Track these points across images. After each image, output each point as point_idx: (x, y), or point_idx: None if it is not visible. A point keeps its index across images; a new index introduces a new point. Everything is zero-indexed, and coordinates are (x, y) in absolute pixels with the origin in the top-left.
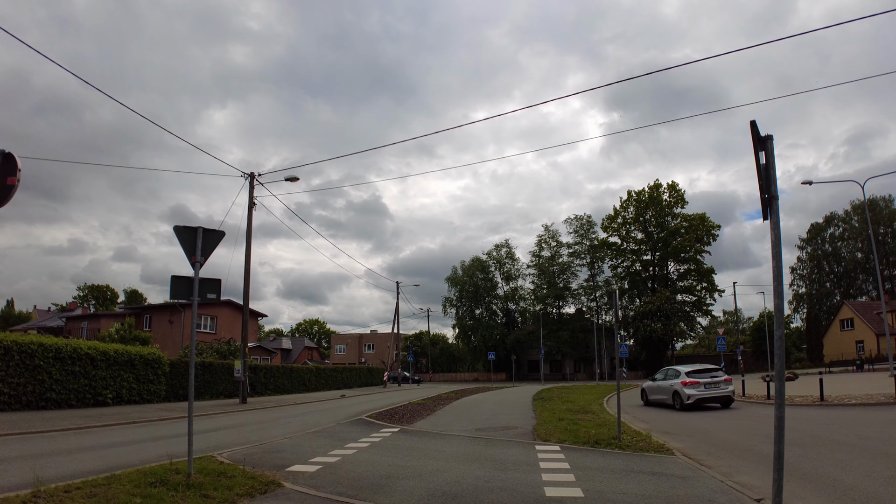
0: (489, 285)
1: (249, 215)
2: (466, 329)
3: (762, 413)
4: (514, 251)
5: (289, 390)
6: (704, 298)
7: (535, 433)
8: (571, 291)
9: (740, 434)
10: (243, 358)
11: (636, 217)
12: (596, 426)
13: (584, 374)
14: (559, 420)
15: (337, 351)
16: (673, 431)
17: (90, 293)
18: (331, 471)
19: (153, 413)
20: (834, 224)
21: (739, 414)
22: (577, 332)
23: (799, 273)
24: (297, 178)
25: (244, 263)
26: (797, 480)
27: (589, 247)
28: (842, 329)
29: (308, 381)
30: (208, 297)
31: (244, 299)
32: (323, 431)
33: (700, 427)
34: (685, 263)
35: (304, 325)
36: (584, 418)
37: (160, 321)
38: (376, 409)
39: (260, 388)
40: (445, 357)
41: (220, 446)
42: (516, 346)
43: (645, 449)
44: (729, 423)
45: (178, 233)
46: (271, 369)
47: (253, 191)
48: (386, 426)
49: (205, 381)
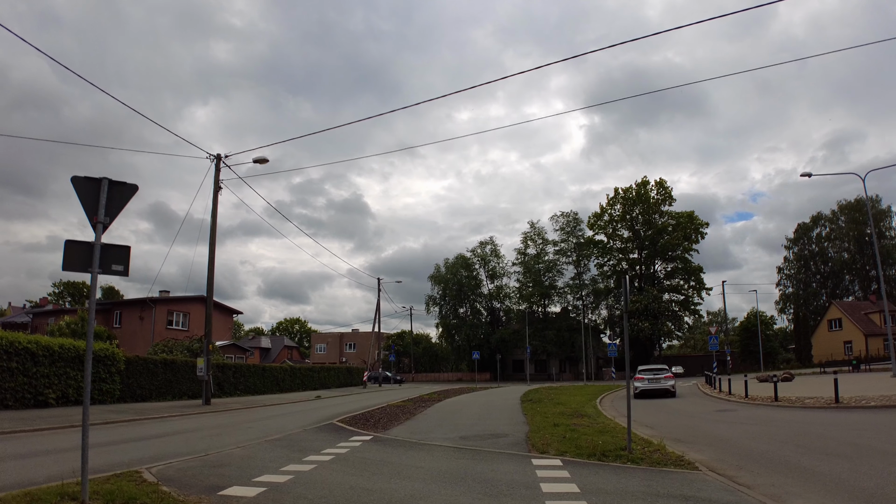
0: (473, 283)
1: (215, 200)
2: (450, 328)
3: (775, 417)
4: (498, 248)
5: (261, 391)
6: (692, 297)
7: (530, 442)
8: (557, 290)
9: (764, 442)
10: (206, 356)
11: (623, 215)
12: (597, 433)
13: (570, 373)
14: (554, 426)
15: (317, 350)
16: (685, 439)
17: (66, 290)
18: (274, 497)
19: (100, 415)
20: (821, 224)
21: (749, 417)
22: (562, 332)
23: (786, 273)
24: (267, 159)
25: (208, 252)
26: None
27: (575, 244)
28: (830, 329)
29: (282, 382)
30: (114, 268)
31: (208, 291)
32: (284, 439)
33: (715, 433)
34: (672, 262)
35: (285, 323)
36: (580, 423)
37: (130, 317)
38: (350, 412)
39: (229, 389)
40: (428, 357)
41: (158, 457)
42: (501, 345)
43: (662, 462)
44: (744, 428)
45: (76, 185)
46: (242, 368)
47: (219, 173)
48: (357, 433)
49: (166, 380)
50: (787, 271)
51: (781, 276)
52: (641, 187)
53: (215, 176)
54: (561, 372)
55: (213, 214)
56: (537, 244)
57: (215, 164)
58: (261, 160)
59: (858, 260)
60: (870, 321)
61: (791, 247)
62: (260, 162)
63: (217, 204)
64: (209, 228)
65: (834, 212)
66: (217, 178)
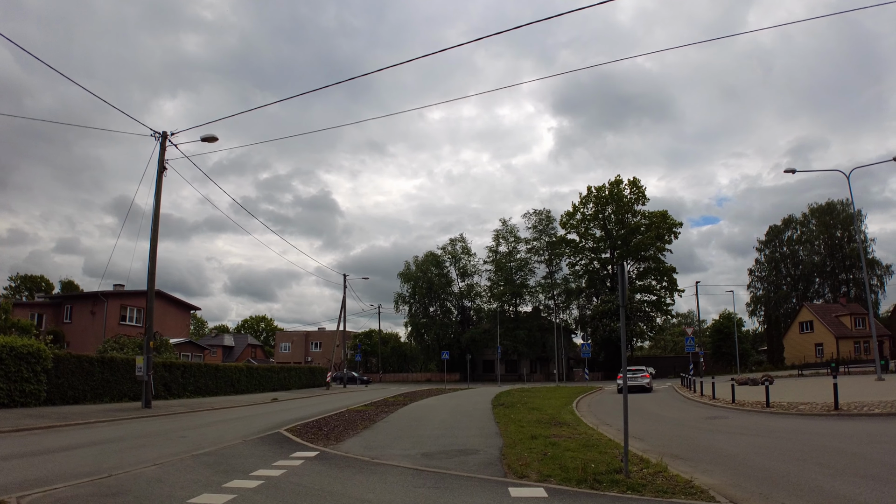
0: (444, 281)
1: (158, 182)
2: (419, 327)
3: (776, 426)
4: (469, 246)
5: (213, 392)
6: (664, 298)
7: (505, 462)
8: (529, 289)
9: (778, 459)
10: (146, 353)
11: (595, 214)
12: (582, 447)
13: (541, 374)
14: (532, 439)
15: (282, 349)
16: (685, 454)
17: (23, 284)
18: None
19: (14, 421)
20: (792, 227)
21: (746, 427)
22: (534, 332)
23: (757, 275)
24: (216, 137)
25: (150, 239)
26: None
27: (548, 243)
28: (801, 331)
29: (238, 382)
30: None
31: (149, 283)
32: (215, 454)
33: (716, 447)
34: (645, 262)
35: (250, 321)
36: (561, 434)
37: (82, 312)
38: (304, 418)
39: (176, 390)
40: (397, 356)
41: (44, 480)
42: (471, 345)
43: (669, 490)
44: (748, 440)
45: None
46: (192, 368)
47: (164, 153)
48: (303, 446)
49: (104, 380)
50: (758, 273)
51: (752, 278)
52: (614, 186)
53: (160, 155)
54: (532, 372)
55: (157, 198)
56: (509, 242)
57: (160, 143)
58: (209, 138)
59: (829, 263)
60: (840, 324)
61: (762, 249)
62: (208, 140)
63: (161, 186)
64: (152, 214)
65: (805, 215)
66: (162, 158)
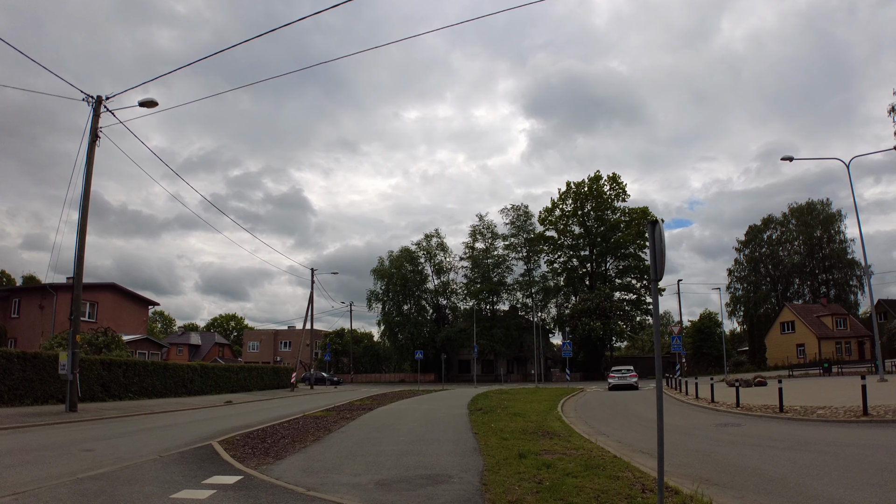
0: (419, 278)
1: (90, 150)
2: (393, 325)
3: (805, 436)
4: (445, 242)
5: (161, 393)
6: (644, 297)
7: (488, 497)
8: (506, 286)
9: (842, 484)
10: (71, 349)
11: (574, 210)
12: (585, 469)
13: (518, 374)
14: (519, 458)
15: (250, 349)
16: (720, 479)
17: None
18: None
19: None
20: (771, 227)
21: (769, 436)
22: (511, 331)
23: (736, 275)
24: (156, 102)
25: (79, 216)
26: None
27: (526, 239)
28: (782, 332)
29: (191, 383)
30: None
31: (76, 266)
32: (106, 478)
33: (749, 465)
34: (625, 260)
35: (220, 320)
36: (554, 449)
37: (30, 306)
38: (251, 425)
39: (117, 391)
40: (370, 356)
41: None
42: (447, 344)
43: None
44: (786, 456)
45: None
46: (136, 367)
47: (98, 119)
48: (227, 468)
49: (25, 379)
50: (737, 273)
51: (732, 278)
52: (594, 182)
53: (93, 122)
54: (509, 373)
55: (88, 170)
56: (486, 238)
57: (94, 108)
58: (148, 103)
59: (808, 263)
60: (822, 324)
61: (742, 249)
62: (147, 105)
63: (93, 156)
64: (82, 188)
65: (785, 214)
66: (95, 126)
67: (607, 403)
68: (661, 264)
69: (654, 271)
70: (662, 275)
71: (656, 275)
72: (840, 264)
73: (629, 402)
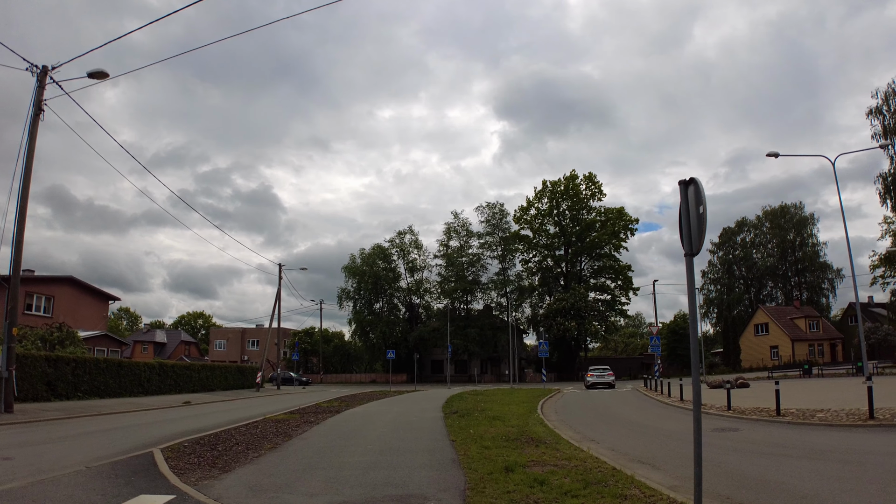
0: (392, 276)
1: (34, 125)
2: (364, 324)
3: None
4: (419, 239)
5: (115, 393)
6: (619, 297)
7: None
8: (481, 285)
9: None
10: (7, 343)
11: (550, 210)
12: (584, 486)
13: (492, 375)
14: (506, 472)
15: (216, 347)
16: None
17: None
18: None
19: None
20: (745, 230)
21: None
22: (485, 330)
23: (710, 277)
24: (106, 73)
25: (18, 195)
26: None
27: (501, 238)
28: (756, 334)
29: (148, 382)
30: None
31: (14, 251)
32: (6, 497)
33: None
34: (600, 260)
35: (188, 317)
36: (543, 460)
37: None
38: (205, 429)
39: (64, 390)
40: (340, 356)
41: None
42: (420, 344)
43: None
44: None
45: None
46: (86, 364)
47: (43, 91)
48: (161, 484)
49: None
50: (711, 276)
51: (706, 280)
52: (570, 181)
53: (37, 94)
54: (482, 373)
55: (31, 145)
56: (461, 236)
57: (38, 79)
58: (97, 74)
59: (781, 266)
60: (795, 326)
61: (716, 251)
62: (96, 77)
63: (36, 130)
64: (23, 164)
65: (759, 217)
66: (40, 98)
67: (588, 405)
68: (698, 233)
69: (687, 242)
70: (700, 247)
71: (691, 247)
72: (812, 267)
73: (610, 404)
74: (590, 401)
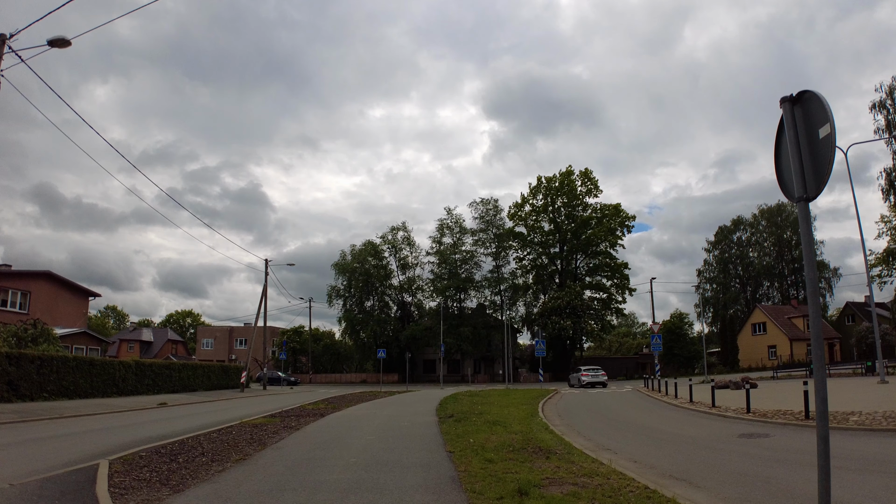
0: (383, 273)
1: None
2: (354, 323)
3: (874, 453)
4: (411, 235)
5: (86, 394)
6: (615, 296)
7: None
8: (474, 283)
9: None
10: None
11: (545, 206)
12: None
13: (486, 375)
14: (519, 495)
15: (204, 346)
16: None
17: None
18: None
19: None
20: (741, 228)
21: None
22: (479, 329)
23: (706, 276)
24: (68, 41)
25: None
26: None
27: (495, 235)
28: (753, 333)
29: (123, 382)
30: None
31: None
32: None
33: (843, 500)
34: (595, 257)
35: (176, 316)
36: (560, 477)
37: None
38: (171, 435)
39: (28, 390)
40: (330, 355)
41: None
42: (411, 343)
43: None
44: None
45: None
46: (53, 362)
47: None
48: None
49: None
50: (707, 275)
51: (701, 279)
52: (565, 177)
53: None
54: (476, 373)
55: None
56: (454, 233)
57: None
58: (58, 41)
59: (778, 265)
60: (793, 325)
61: (711, 250)
62: (57, 44)
63: None
64: None
65: (755, 216)
66: None
67: (591, 407)
68: (821, 165)
69: (800, 181)
70: (823, 186)
71: (805, 190)
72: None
73: (613, 406)
74: (591, 402)
